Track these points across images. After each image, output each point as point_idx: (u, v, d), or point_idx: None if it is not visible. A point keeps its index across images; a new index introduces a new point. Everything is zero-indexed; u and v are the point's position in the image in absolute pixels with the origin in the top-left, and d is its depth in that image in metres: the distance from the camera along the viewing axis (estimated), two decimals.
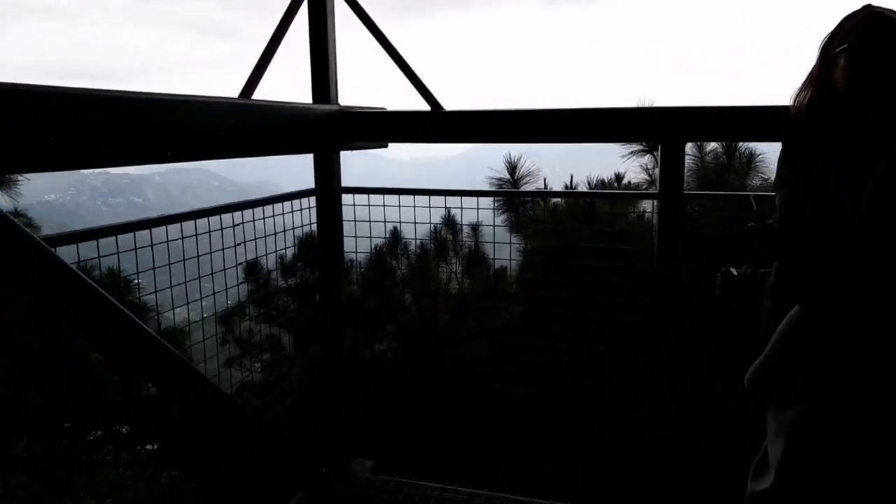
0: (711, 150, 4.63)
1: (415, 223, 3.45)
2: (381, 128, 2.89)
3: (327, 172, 2.96)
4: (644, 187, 5.33)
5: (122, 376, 3.04)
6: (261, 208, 2.89)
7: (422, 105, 2.86)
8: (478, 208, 3.81)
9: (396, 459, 4.66)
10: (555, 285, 4.21)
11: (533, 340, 4.59)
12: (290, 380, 3.56)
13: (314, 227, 3.18)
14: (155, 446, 3.75)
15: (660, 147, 2.53)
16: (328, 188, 2.97)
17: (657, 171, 5.38)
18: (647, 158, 5.23)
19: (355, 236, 3.25)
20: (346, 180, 3.05)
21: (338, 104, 2.88)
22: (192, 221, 2.60)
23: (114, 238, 2.26)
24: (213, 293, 2.86)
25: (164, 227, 2.44)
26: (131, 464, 3.94)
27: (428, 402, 5.01)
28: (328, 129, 2.77)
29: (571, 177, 6.78)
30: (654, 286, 2.63)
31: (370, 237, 3.33)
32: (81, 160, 1.62)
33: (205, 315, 3.14)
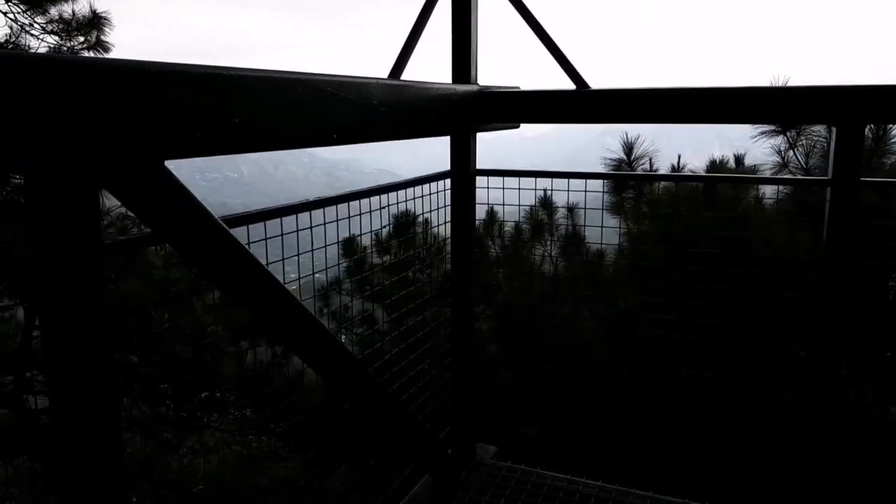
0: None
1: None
2: (521, 108, 2.80)
3: (464, 154, 2.90)
4: (774, 171, 5.02)
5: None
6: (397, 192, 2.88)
7: (559, 84, 2.75)
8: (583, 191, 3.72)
9: (519, 447, 4.63)
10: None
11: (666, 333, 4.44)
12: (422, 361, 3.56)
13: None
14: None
15: (833, 130, 2.33)
16: (464, 170, 2.92)
17: (791, 153, 5.10)
18: (779, 140, 4.92)
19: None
20: (431, 160, 3.01)
21: (478, 84, 2.81)
22: (333, 207, 2.61)
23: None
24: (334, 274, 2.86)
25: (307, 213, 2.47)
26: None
27: (554, 391, 4.94)
28: (469, 109, 2.70)
29: (679, 157, 6.50)
30: (824, 284, 2.44)
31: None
32: (261, 143, 1.61)
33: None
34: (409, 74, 2.80)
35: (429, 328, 3.49)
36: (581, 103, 2.69)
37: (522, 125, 3.00)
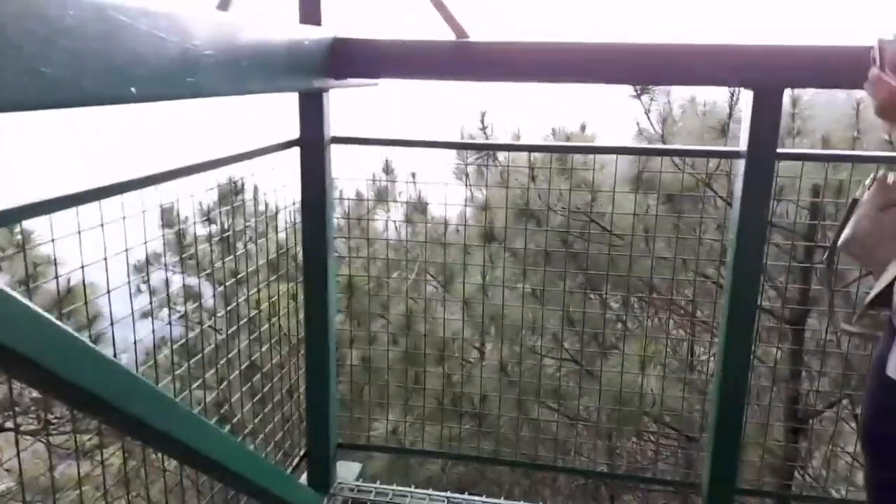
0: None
1: None
2: (385, 61, 2.25)
3: (316, 117, 2.30)
4: (633, 139, 4.89)
5: None
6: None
7: (436, 35, 2.24)
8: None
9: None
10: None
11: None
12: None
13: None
14: None
15: (752, 94, 2.03)
16: (316, 137, 2.32)
17: (647, 119, 4.98)
18: (635, 104, 4.76)
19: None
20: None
21: (332, 30, 2.21)
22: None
23: None
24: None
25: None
26: None
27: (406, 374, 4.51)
28: (321, 60, 2.11)
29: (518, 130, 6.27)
30: (735, 266, 2.17)
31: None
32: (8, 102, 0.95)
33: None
34: (241, 7, 2.13)
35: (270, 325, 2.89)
36: (457, 57, 2.18)
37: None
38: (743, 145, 2.10)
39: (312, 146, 2.31)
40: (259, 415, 2.64)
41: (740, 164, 2.12)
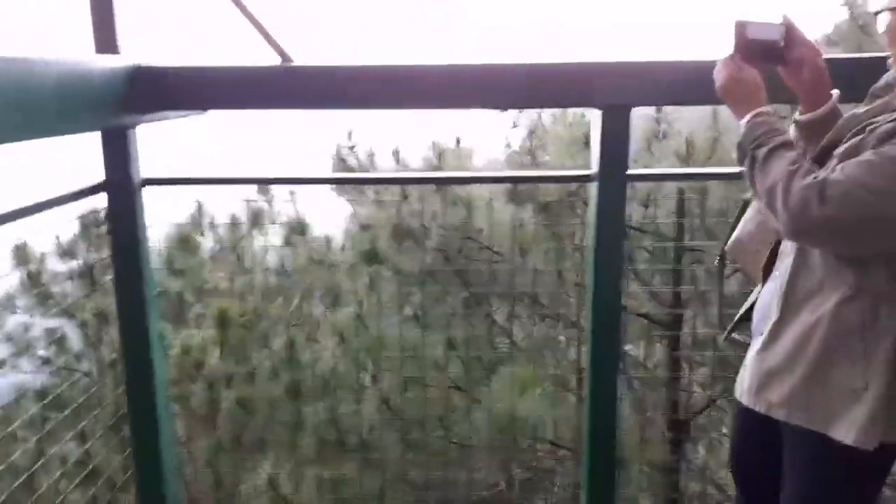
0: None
1: None
2: (198, 90, 1.97)
3: (122, 157, 1.99)
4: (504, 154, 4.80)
5: None
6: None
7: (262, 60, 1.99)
8: None
9: None
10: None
11: None
12: None
13: None
14: None
15: (600, 114, 1.91)
16: (124, 180, 2.01)
17: (518, 134, 4.91)
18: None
19: None
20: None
21: (133, 58, 1.91)
22: None
23: None
24: None
25: None
26: None
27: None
28: (120, 93, 1.81)
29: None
30: (595, 291, 2.05)
31: None
32: None
33: None
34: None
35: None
36: (281, 83, 1.94)
37: None
38: (594, 167, 1.98)
39: (121, 190, 2.00)
40: None
41: (592, 187, 2.01)
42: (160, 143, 2.20)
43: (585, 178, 2.06)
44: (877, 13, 1.28)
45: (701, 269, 4.72)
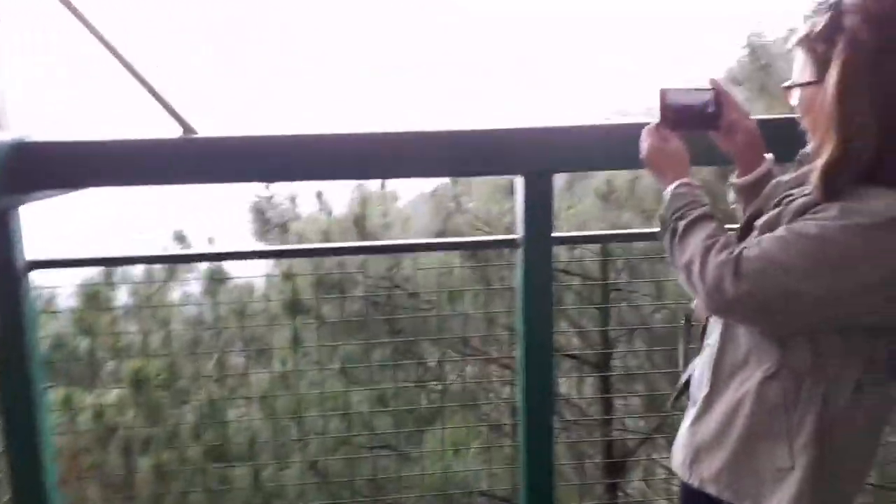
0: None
1: None
2: (94, 165, 1.81)
3: (2, 240, 1.80)
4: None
5: None
6: None
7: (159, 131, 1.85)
8: None
9: None
10: None
11: None
12: None
13: None
14: None
15: (522, 180, 1.86)
16: (6, 264, 1.81)
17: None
18: None
19: None
20: None
21: (17, 133, 1.73)
22: None
23: None
24: None
25: None
26: None
27: None
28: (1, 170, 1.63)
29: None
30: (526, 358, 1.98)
31: None
32: None
33: None
34: None
35: None
36: (182, 155, 1.81)
37: None
38: (519, 232, 1.92)
39: (3, 275, 1.80)
40: None
41: (518, 253, 1.94)
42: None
43: (511, 244, 1.99)
44: (787, 88, 1.27)
45: (627, 308, 4.77)
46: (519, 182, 1.87)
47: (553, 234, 1.93)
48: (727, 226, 1.30)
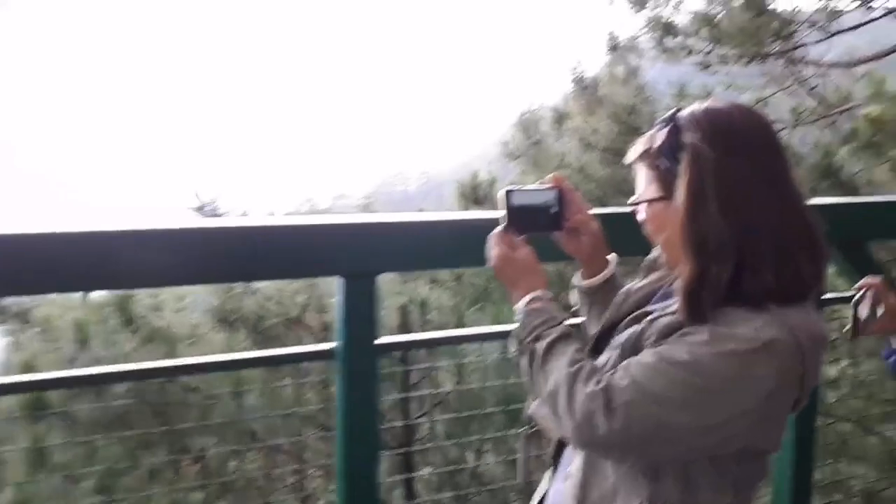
0: None
1: None
2: None
3: None
4: None
5: None
6: None
7: None
8: None
9: None
10: None
11: None
12: None
13: None
14: None
15: (343, 282, 1.63)
16: None
17: None
18: None
19: None
20: None
21: None
22: None
23: None
24: None
25: None
26: None
27: None
28: None
29: None
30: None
31: None
32: None
33: None
34: None
35: None
36: None
37: None
38: (338, 340, 1.68)
39: None
40: None
41: (336, 364, 1.70)
42: None
43: (327, 355, 1.74)
44: (633, 204, 1.24)
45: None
46: (339, 284, 1.64)
47: (376, 342, 1.73)
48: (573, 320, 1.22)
